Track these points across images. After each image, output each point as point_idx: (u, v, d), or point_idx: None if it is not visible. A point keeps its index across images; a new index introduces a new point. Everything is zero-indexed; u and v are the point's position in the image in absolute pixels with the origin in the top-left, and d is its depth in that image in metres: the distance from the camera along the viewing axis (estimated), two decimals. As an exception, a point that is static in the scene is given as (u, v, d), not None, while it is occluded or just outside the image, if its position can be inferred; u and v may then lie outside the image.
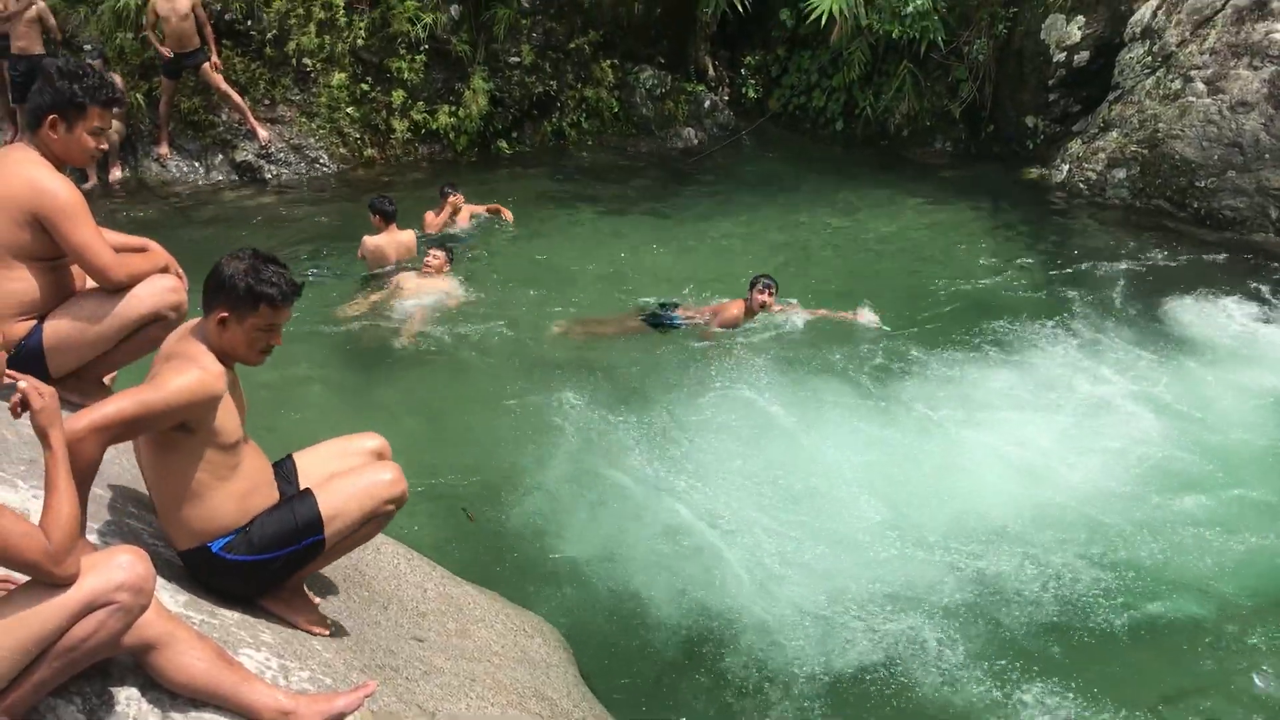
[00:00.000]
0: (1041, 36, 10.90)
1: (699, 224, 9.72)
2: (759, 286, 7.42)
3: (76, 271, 3.45)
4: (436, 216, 9.06)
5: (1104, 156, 10.04)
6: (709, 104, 12.53)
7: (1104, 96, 10.38)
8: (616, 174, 11.22)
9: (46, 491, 2.29)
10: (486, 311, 7.69)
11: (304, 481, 3.18)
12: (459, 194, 9.22)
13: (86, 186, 9.55)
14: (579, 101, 11.88)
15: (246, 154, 10.58)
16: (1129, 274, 8.39)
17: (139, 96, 10.32)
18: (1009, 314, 7.62)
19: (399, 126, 11.03)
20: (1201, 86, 9.43)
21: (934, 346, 7.13)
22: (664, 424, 6.13)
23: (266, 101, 10.82)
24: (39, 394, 2.33)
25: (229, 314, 2.87)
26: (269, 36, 10.71)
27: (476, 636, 3.83)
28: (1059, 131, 10.89)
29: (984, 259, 8.87)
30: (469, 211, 9.37)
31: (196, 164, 10.56)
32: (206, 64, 9.99)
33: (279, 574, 3.07)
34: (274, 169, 10.64)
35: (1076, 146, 10.37)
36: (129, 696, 2.48)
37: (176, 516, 2.93)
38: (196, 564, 3.01)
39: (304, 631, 3.14)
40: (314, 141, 10.86)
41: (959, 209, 10.03)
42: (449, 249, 8.28)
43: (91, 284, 3.42)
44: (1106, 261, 8.64)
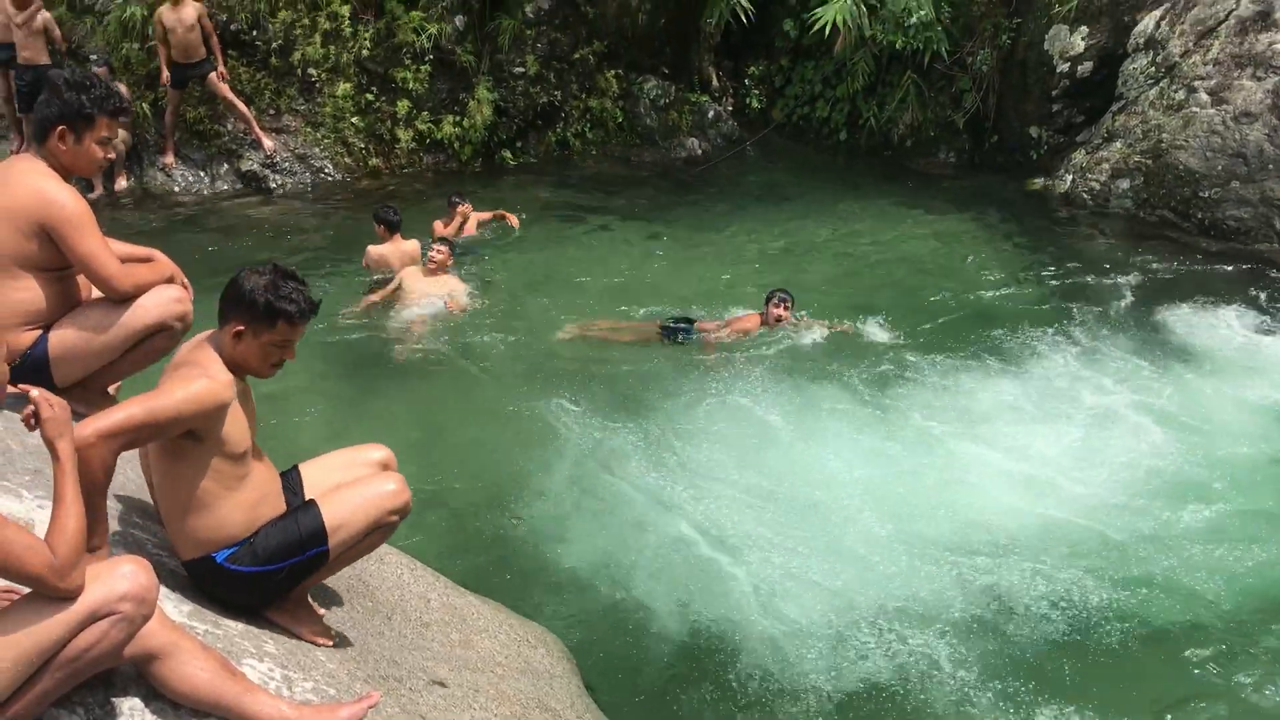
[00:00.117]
0: (1045, 47, 10.90)
1: (702, 234, 9.72)
2: (775, 300, 7.40)
3: (82, 281, 3.45)
4: (445, 226, 9.08)
5: (1108, 167, 10.03)
6: (713, 114, 12.55)
7: (1108, 107, 10.38)
8: (620, 184, 11.23)
9: (54, 504, 2.29)
10: (490, 321, 7.69)
11: (309, 492, 3.17)
12: (467, 203, 9.24)
13: (92, 196, 9.58)
14: (583, 112, 11.90)
15: (252, 164, 10.61)
16: (1133, 285, 8.38)
17: (145, 106, 10.34)
18: (1013, 325, 7.60)
19: (404, 136, 11.05)
20: (1205, 97, 9.43)
21: (938, 357, 7.11)
22: (667, 434, 6.12)
23: (271, 111, 10.84)
24: (49, 404, 2.34)
25: (245, 327, 2.88)
26: (274, 46, 10.75)
27: (480, 647, 3.82)
28: (1063, 142, 10.88)
29: (988, 269, 8.86)
30: (477, 220, 9.40)
31: (202, 173, 10.58)
32: (213, 74, 10.03)
33: (283, 585, 3.06)
34: (279, 179, 10.66)
35: (1080, 157, 10.37)
36: (132, 707, 2.47)
37: (183, 526, 2.92)
38: (201, 574, 3.00)
39: (308, 642, 3.13)
40: (319, 151, 10.88)
41: (963, 219, 10.03)
42: (451, 243, 8.28)
43: (97, 294, 3.42)
44: (1110, 272, 8.63)
